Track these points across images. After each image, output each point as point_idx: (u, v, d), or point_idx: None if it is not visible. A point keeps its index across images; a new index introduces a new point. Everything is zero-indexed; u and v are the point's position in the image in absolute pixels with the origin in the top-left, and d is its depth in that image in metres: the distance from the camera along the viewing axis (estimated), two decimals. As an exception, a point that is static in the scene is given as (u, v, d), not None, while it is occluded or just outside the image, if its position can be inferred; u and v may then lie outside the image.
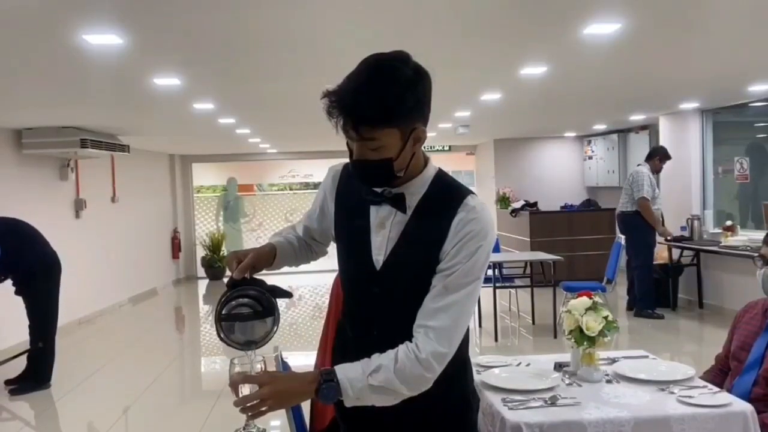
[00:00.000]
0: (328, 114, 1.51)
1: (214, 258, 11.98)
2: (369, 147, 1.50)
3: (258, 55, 4.24)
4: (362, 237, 1.63)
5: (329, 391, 1.44)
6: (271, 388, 1.44)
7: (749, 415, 2.10)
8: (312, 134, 9.64)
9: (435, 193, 1.58)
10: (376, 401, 1.49)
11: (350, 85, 1.49)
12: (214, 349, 7.33)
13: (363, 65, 1.52)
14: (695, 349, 6.45)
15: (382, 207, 1.61)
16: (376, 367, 1.46)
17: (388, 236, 1.59)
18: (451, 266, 1.51)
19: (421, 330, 1.50)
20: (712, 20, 3.79)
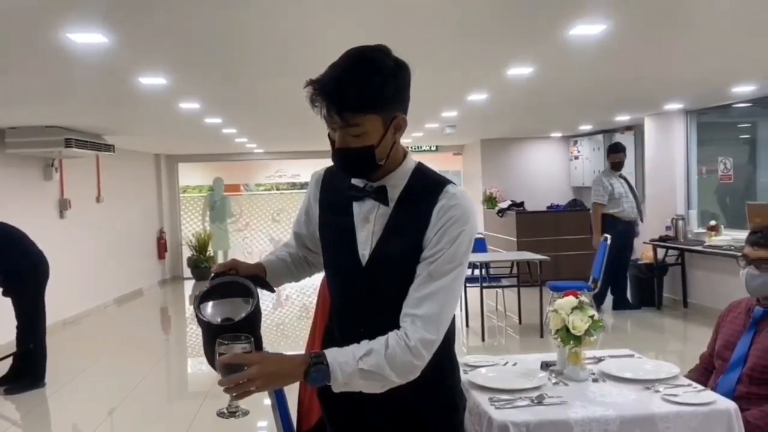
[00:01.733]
0: (311, 102, 1.55)
1: (201, 258, 11.91)
2: (351, 134, 1.53)
3: (245, 54, 4.23)
4: (347, 234, 1.64)
5: (318, 374, 1.43)
6: (259, 368, 1.42)
7: (733, 413, 2.12)
8: (299, 134, 9.62)
9: (415, 184, 1.61)
10: (363, 387, 1.48)
11: (334, 73, 1.53)
12: (201, 350, 7.28)
13: (345, 55, 1.57)
14: (680, 347, 6.51)
15: (365, 202, 1.63)
16: (367, 351, 1.46)
17: (373, 230, 1.61)
18: (434, 253, 1.53)
19: (408, 319, 1.51)
20: (696, 22, 3.82)
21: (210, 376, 6.01)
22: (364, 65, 1.52)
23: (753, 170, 8.15)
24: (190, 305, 10.39)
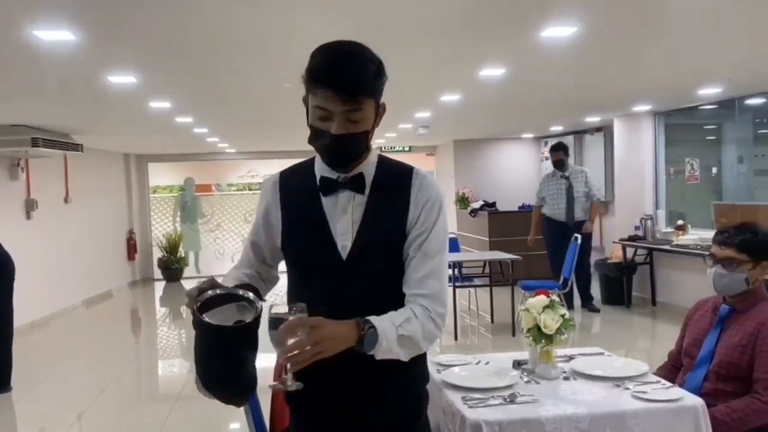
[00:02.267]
0: (311, 89, 1.53)
1: (171, 259, 11.77)
2: (352, 119, 1.53)
3: (217, 53, 4.19)
4: (321, 230, 1.62)
5: (371, 338, 1.45)
6: (322, 331, 1.40)
7: (700, 409, 2.17)
8: (271, 134, 9.57)
9: (384, 171, 1.65)
10: (398, 354, 1.52)
11: (335, 57, 1.53)
12: (172, 352, 7.21)
13: (335, 43, 1.57)
14: (648, 345, 6.62)
15: (340, 194, 1.63)
16: (406, 318, 1.52)
17: (352, 220, 1.61)
18: (422, 232, 1.59)
19: (414, 299, 1.57)
20: (665, 26, 3.89)
21: (181, 379, 5.96)
22: (361, 51, 1.55)
23: (718, 171, 8.33)
24: (161, 307, 10.27)
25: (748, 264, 2.49)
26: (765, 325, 2.40)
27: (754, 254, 2.49)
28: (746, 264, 2.49)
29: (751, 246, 2.50)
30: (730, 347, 2.45)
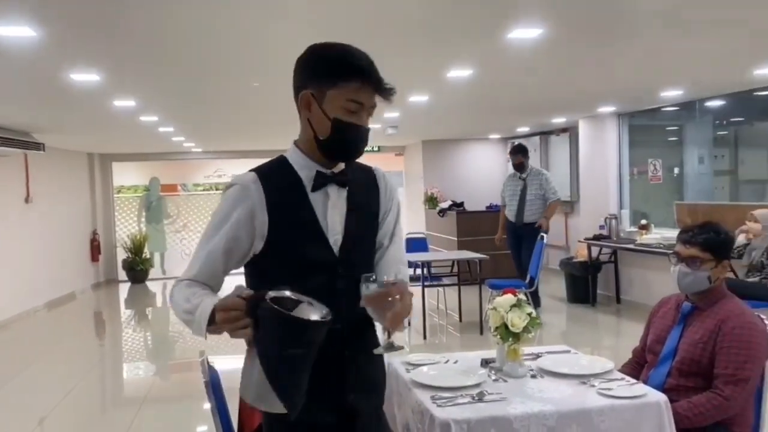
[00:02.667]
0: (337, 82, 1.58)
1: (136, 260, 11.57)
2: (371, 114, 1.68)
3: (182, 51, 4.14)
4: (313, 227, 1.65)
5: None
6: (410, 296, 1.58)
7: (663, 405, 2.21)
8: (239, 133, 9.48)
9: (353, 168, 1.75)
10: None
11: (359, 54, 1.64)
12: (137, 355, 7.09)
13: (342, 44, 1.65)
14: (613, 342, 6.73)
15: (330, 188, 1.67)
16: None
17: (341, 213, 1.68)
18: (393, 218, 1.79)
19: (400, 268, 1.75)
20: (628, 29, 3.97)
21: (147, 382, 5.87)
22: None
23: (680, 171, 8.51)
24: (126, 309, 10.09)
25: (710, 263, 2.54)
26: (725, 323, 2.46)
27: (717, 253, 2.55)
28: (709, 262, 2.54)
29: (713, 245, 2.56)
30: (692, 344, 2.50)
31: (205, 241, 1.66)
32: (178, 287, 1.63)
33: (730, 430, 2.42)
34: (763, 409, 2.52)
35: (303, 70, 1.66)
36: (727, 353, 2.40)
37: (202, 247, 1.67)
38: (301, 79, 1.65)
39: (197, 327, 1.55)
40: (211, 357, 2.39)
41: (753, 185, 8.24)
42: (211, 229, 1.66)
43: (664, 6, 3.44)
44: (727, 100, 7.33)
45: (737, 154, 8.40)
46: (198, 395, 2.81)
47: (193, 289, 1.62)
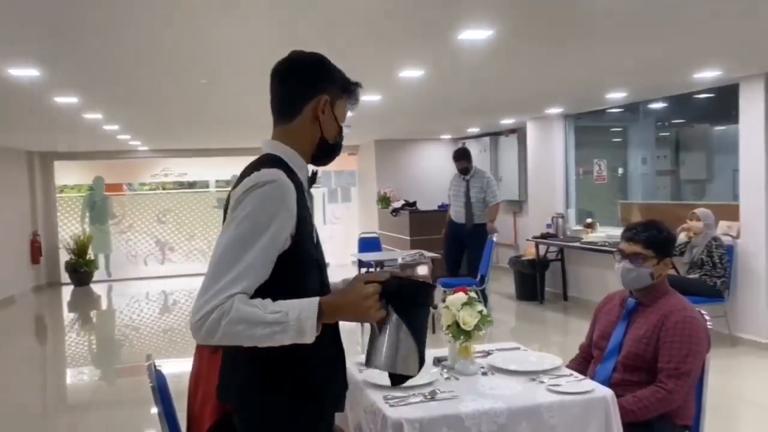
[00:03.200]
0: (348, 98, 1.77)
1: (80, 262, 11.21)
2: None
3: (127, 47, 4.02)
4: (312, 227, 1.71)
5: None
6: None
7: (610, 400, 2.26)
8: (187, 131, 9.30)
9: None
10: None
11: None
12: (81, 360, 6.87)
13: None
14: (561, 338, 6.87)
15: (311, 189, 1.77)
16: None
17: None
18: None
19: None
20: (575, 33, 4.05)
21: (92, 387, 5.69)
22: None
23: (624, 171, 8.76)
24: (69, 312, 9.77)
25: (653, 260, 2.62)
26: (668, 318, 2.53)
27: (659, 250, 2.63)
28: (651, 260, 2.62)
29: (655, 243, 2.64)
30: (636, 339, 2.57)
31: (251, 242, 1.52)
32: (235, 303, 1.47)
33: (673, 422, 2.50)
34: (703, 401, 2.61)
35: (319, 75, 1.72)
36: (669, 348, 2.48)
37: (246, 250, 1.51)
38: (314, 84, 1.70)
39: (296, 331, 1.48)
40: (158, 361, 2.33)
41: (693, 185, 8.55)
42: (256, 230, 1.52)
43: (609, 10, 3.52)
44: (669, 102, 7.58)
45: (678, 155, 8.70)
46: (145, 400, 2.74)
47: (257, 301, 1.51)
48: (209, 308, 1.45)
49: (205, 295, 1.47)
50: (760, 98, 5.63)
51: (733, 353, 5.61)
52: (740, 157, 5.92)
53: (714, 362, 2.65)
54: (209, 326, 1.45)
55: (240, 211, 1.53)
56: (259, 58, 4.45)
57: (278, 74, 1.73)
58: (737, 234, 5.94)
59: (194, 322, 1.47)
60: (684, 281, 5.58)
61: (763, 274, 5.67)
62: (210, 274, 1.50)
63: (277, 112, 1.74)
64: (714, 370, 2.66)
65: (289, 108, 1.70)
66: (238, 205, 1.55)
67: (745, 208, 5.88)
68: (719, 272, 5.66)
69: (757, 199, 5.72)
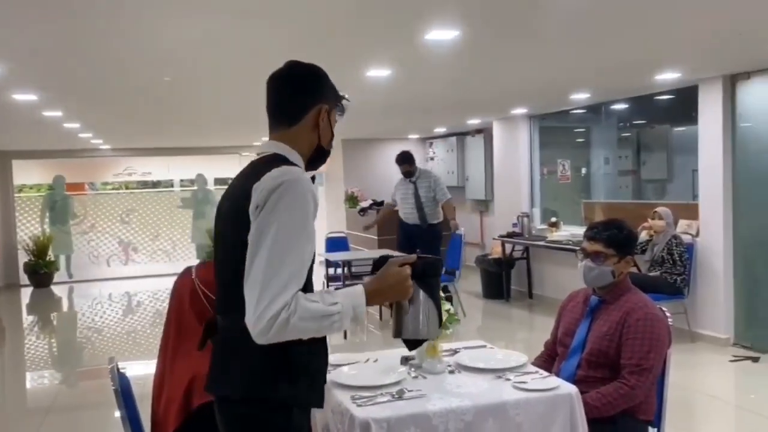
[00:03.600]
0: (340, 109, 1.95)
1: (39, 263, 10.93)
2: None
3: (88, 43, 3.94)
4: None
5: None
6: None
7: (574, 396, 2.30)
8: (151, 129, 9.15)
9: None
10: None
11: None
12: (41, 363, 6.71)
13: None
14: (527, 336, 6.95)
15: None
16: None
17: None
18: None
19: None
20: (540, 34, 4.10)
21: (53, 391, 5.56)
22: None
23: (587, 171, 8.91)
24: (28, 315, 9.54)
25: (614, 258, 2.67)
26: (630, 315, 2.59)
27: (619, 249, 2.68)
28: (612, 258, 2.67)
29: (616, 241, 2.69)
30: (599, 336, 2.62)
31: (296, 241, 1.60)
32: (300, 301, 1.57)
33: (636, 417, 2.56)
34: (664, 396, 2.67)
35: (319, 85, 1.85)
36: (631, 344, 2.53)
37: (293, 248, 1.59)
38: (315, 94, 1.83)
39: (352, 318, 1.65)
40: (121, 363, 2.29)
41: (654, 184, 8.74)
42: (298, 228, 1.61)
43: (572, 13, 3.57)
44: (631, 103, 7.73)
45: (639, 155, 8.88)
46: (108, 403, 2.69)
47: (315, 295, 1.64)
48: (276, 310, 1.53)
49: (265, 300, 1.54)
50: (718, 100, 5.78)
51: (692, 349, 5.75)
52: (699, 158, 6.07)
53: (674, 357, 2.71)
54: (279, 326, 1.54)
55: (276, 210, 1.59)
56: (222, 56, 4.40)
57: (278, 82, 1.84)
58: (696, 232, 6.08)
59: (262, 327, 1.54)
60: (645, 279, 5.69)
61: (721, 271, 5.82)
62: (263, 278, 1.55)
63: (276, 117, 1.83)
64: (674, 365, 2.72)
65: (290, 114, 1.80)
66: (267, 204, 1.60)
67: (703, 207, 6.02)
68: (679, 270, 5.80)
69: (715, 198, 5.87)
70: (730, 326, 5.83)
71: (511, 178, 8.83)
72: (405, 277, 1.78)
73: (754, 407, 4.45)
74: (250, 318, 1.55)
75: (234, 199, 1.71)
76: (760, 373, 5.16)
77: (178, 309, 2.36)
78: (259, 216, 1.60)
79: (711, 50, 4.80)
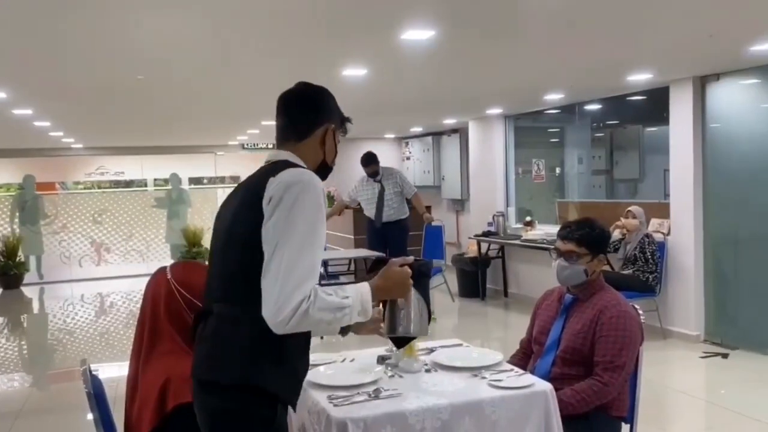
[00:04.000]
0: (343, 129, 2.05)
1: (9, 264, 10.71)
2: None
3: (60, 40, 3.87)
4: None
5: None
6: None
7: (549, 394, 2.32)
8: (123, 128, 9.03)
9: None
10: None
11: None
12: (11, 366, 6.59)
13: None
14: (502, 334, 7.00)
15: None
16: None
17: None
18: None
19: None
20: (515, 35, 4.14)
21: (23, 394, 5.46)
22: None
23: (561, 171, 9.01)
24: None
25: (586, 257, 2.70)
26: (603, 313, 2.62)
27: (592, 248, 2.71)
28: (585, 257, 2.70)
29: (588, 240, 2.72)
30: (573, 334, 2.65)
31: (312, 237, 1.71)
32: (318, 293, 1.68)
33: (609, 414, 2.59)
34: (637, 393, 2.71)
35: (328, 105, 2.00)
36: (605, 342, 2.56)
37: (312, 244, 1.71)
38: (324, 114, 1.97)
39: (360, 311, 1.76)
40: (94, 365, 2.26)
41: (626, 184, 8.87)
42: (314, 225, 1.72)
43: (545, 15, 3.61)
44: (604, 104, 7.83)
45: (612, 155, 9.00)
46: (80, 406, 2.65)
47: (330, 289, 1.75)
48: (298, 300, 1.63)
49: (283, 292, 1.63)
50: (688, 100, 5.88)
51: (664, 345, 5.84)
52: (670, 157, 6.16)
53: (647, 354, 2.75)
54: (299, 316, 1.64)
55: (296, 206, 1.69)
56: (195, 55, 4.36)
57: (290, 99, 1.99)
58: (668, 231, 6.18)
59: (282, 318, 1.63)
60: (618, 277, 5.77)
61: (691, 269, 5.93)
62: (285, 270, 1.64)
63: (286, 132, 1.95)
64: (647, 362, 2.76)
65: (300, 130, 1.93)
66: (285, 199, 1.69)
67: (674, 206, 6.12)
68: (651, 268, 5.89)
69: (685, 197, 5.97)
70: (700, 323, 5.94)
71: (486, 177, 8.88)
72: (407, 275, 1.95)
73: (724, 402, 4.54)
74: (270, 308, 1.64)
75: (246, 192, 1.80)
76: (730, 368, 5.27)
77: (152, 310, 2.33)
78: (277, 210, 1.69)
79: (681, 52, 4.88)
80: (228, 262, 1.79)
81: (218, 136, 11.06)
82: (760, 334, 5.51)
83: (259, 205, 1.71)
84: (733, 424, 4.13)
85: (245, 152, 12.16)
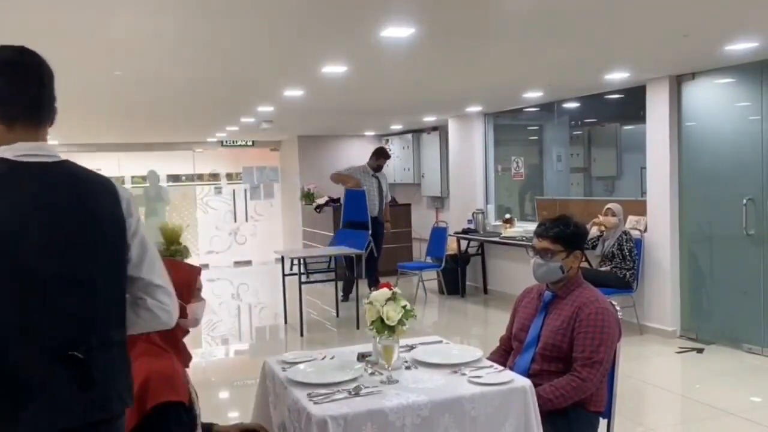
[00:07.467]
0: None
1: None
2: None
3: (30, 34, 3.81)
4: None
5: None
6: None
7: (528, 390, 2.34)
8: (100, 124, 8.91)
9: None
10: None
11: None
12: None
13: None
14: (482, 331, 7.04)
15: None
16: None
17: None
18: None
19: None
20: (494, 33, 4.15)
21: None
22: None
23: (540, 168, 9.07)
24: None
25: (562, 254, 2.73)
26: (581, 309, 2.65)
27: (567, 244, 2.74)
28: (560, 254, 2.72)
29: (563, 237, 2.74)
30: (552, 330, 2.67)
31: None
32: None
33: (587, 409, 2.62)
34: (614, 388, 2.74)
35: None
36: (583, 338, 2.59)
37: None
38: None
39: None
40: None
41: (604, 181, 8.95)
42: None
43: (522, 13, 3.63)
44: (582, 102, 7.89)
45: (590, 153, 9.08)
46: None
47: None
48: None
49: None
50: (665, 99, 5.95)
51: (641, 341, 5.92)
52: (647, 155, 6.24)
53: (624, 350, 2.79)
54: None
55: None
56: (173, 51, 4.32)
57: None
58: (644, 228, 6.26)
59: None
60: (596, 273, 5.84)
61: (668, 266, 6.01)
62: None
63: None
64: (624, 357, 2.80)
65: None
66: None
67: (651, 204, 6.20)
68: (628, 264, 5.96)
69: (662, 195, 6.05)
70: (676, 319, 6.02)
71: (466, 175, 8.92)
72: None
73: (699, 397, 4.61)
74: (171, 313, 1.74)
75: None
76: (705, 363, 5.35)
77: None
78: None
79: (657, 51, 4.94)
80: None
81: (197, 133, 10.96)
82: (734, 329, 5.61)
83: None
84: (708, 418, 4.20)
85: (224, 149, 12.08)
